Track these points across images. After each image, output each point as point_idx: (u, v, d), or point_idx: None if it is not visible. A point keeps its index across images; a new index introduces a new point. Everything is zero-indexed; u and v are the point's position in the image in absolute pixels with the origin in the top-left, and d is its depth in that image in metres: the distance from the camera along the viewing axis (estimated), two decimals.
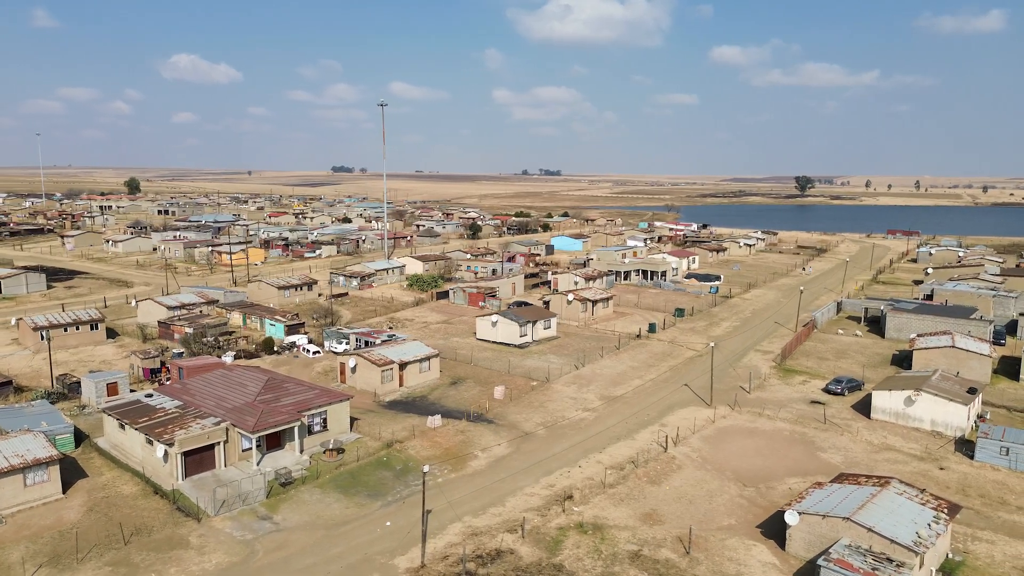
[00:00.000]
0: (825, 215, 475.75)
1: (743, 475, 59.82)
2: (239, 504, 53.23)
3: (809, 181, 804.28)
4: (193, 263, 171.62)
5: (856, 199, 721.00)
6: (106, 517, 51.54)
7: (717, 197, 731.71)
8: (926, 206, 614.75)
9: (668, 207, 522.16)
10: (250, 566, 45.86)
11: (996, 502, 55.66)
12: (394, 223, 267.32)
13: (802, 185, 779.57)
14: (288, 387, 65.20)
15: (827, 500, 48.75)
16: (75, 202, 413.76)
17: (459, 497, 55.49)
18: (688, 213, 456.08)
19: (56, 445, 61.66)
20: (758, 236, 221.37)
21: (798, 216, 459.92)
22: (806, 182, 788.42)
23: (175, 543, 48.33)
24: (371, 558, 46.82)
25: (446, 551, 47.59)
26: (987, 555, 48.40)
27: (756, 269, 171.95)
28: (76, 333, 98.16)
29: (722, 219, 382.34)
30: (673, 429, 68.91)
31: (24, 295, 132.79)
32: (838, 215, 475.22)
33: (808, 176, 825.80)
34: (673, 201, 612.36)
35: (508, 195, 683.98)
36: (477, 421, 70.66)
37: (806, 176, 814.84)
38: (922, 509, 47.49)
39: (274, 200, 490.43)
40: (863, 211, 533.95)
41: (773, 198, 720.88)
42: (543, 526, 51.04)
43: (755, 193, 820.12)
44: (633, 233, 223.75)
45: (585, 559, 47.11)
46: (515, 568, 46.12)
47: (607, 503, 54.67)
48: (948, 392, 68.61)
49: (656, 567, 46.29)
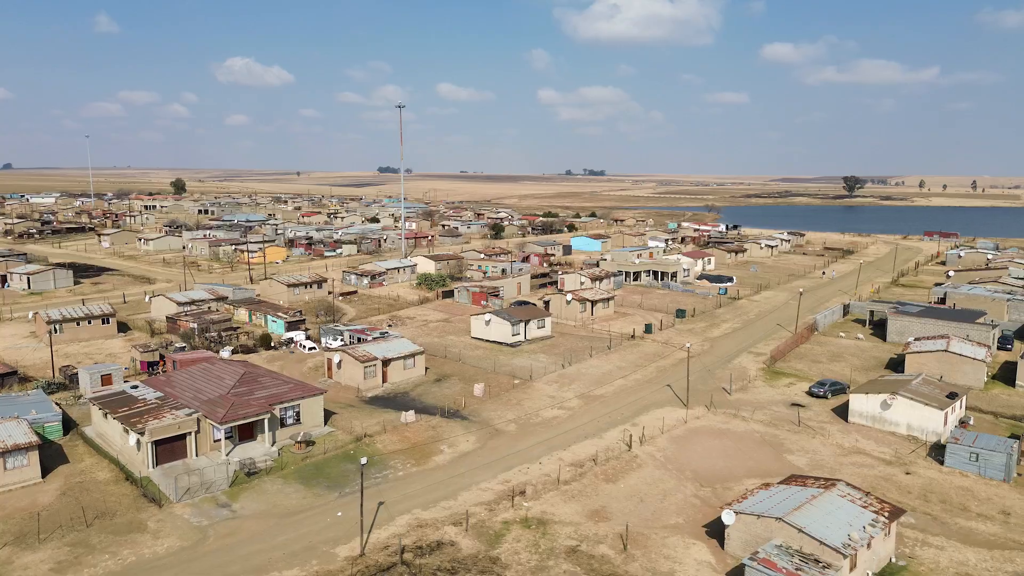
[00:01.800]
0: (872, 216, 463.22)
1: (702, 475, 59.91)
2: (202, 492, 55.44)
3: (858, 181, 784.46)
4: (217, 261, 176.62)
5: (907, 200, 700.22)
6: (76, 501, 54.20)
7: (761, 197, 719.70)
8: (981, 207, 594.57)
9: (708, 207, 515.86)
10: (198, 550, 47.90)
11: (957, 508, 54.79)
12: (421, 223, 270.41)
13: (850, 186, 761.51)
14: (263, 381, 67.38)
15: (768, 501, 48.73)
16: (121, 202, 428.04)
17: (415, 490, 56.85)
18: (729, 214, 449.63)
19: (45, 432, 65.30)
20: (783, 237, 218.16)
21: (843, 217, 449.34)
22: (854, 182, 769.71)
23: (134, 527, 50.68)
24: (315, 546, 48.45)
25: (388, 541, 48.96)
26: (932, 561, 47.84)
27: (774, 271, 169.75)
28: (88, 327, 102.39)
29: (763, 220, 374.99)
30: (643, 429, 69.17)
31: (51, 291, 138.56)
32: (885, 216, 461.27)
33: (857, 176, 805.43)
34: (715, 202, 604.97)
35: (549, 195, 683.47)
36: (451, 417, 71.93)
37: (854, 176, 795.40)
38: (862, 512, 47.18)
39: (314, 200, 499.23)
40: (912, 212, 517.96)
41: (820, 199, 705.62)
42: (489, 520, 52.07)
43: (801, 194, 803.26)
44: (655, 234, 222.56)
45: (522, 553, 48.01)
46: (452, 559, 47.26)
47: (558, 499, 55.41)
48: (924, 396, 67.49)
49: (590, 562, 46.94)
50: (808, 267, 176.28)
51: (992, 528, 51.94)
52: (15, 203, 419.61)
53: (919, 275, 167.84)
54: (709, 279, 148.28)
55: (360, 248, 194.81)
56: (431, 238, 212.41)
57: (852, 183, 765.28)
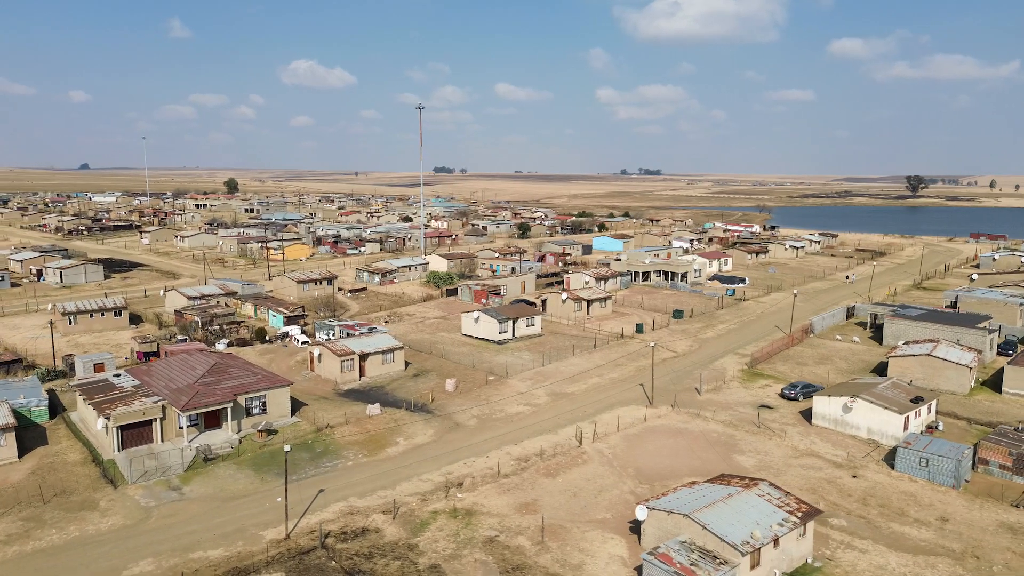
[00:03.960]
0: (932, 218, 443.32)
1: (644, 473, 60.36)
2: (157, 475, 58.55)
3: (921, 181, 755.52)
4: (244, 258, 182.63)
5: (975, 200, 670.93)
6: (42, 480, 57.91)
7: (819, 198, 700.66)
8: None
9: (760, 208, 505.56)
10: (137, 529, 50.82)
11: (894, 513, 54.05)
12: (452, 222, 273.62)
13: (913, 186, 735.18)
14: (232, 372, 70.39)
15: (685, 498, 49.09)
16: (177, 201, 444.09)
17: (358, 479, 58.85)
18: (782, 214, 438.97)
19: (32, 416, 69.70)
20: (812, 238, 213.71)
21: (902, 218, 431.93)
22: (917, 182, 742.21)
23: (86, 505, 53.99)
24: (246, 528, 50.85)
25: (316, 526, 51.00)
26: (850, 563, 47.52)
27: (795, 272, 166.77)
28: (101, 319, 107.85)
29: (815, 221, 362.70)
30: (602, 426, 69.83)
31: (82, 284, 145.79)
32: (947, 218, 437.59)
33: (921, 176, 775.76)
34: (769, 202, 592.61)
35: (599, 195, 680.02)
36: (417, 411, 73.79)
37: (918, 176, 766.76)
38: (775, 511, 47.19)
39: (361, 200, 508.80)
40: (978, 213, 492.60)
41: (881, 199, 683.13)
42: (419, 509, 53.70)
43: (862, 194, 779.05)
44: (680, 234, 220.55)
45: (441, 541, 49.49)
46: (372, 545, 49.08)
47: (493, 492, 56.68)
48: (885, 400, 66.41)
49: (503, 552, 48.16)
50: (831, 269, 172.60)
51: (924, 534, 51.16)
52: (76, 202, 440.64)
53: (946, 278, 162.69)
54: (721, 280, 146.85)
55: (383, 247, 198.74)
56: (455, 237, 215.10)
57: (915, 183, 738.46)
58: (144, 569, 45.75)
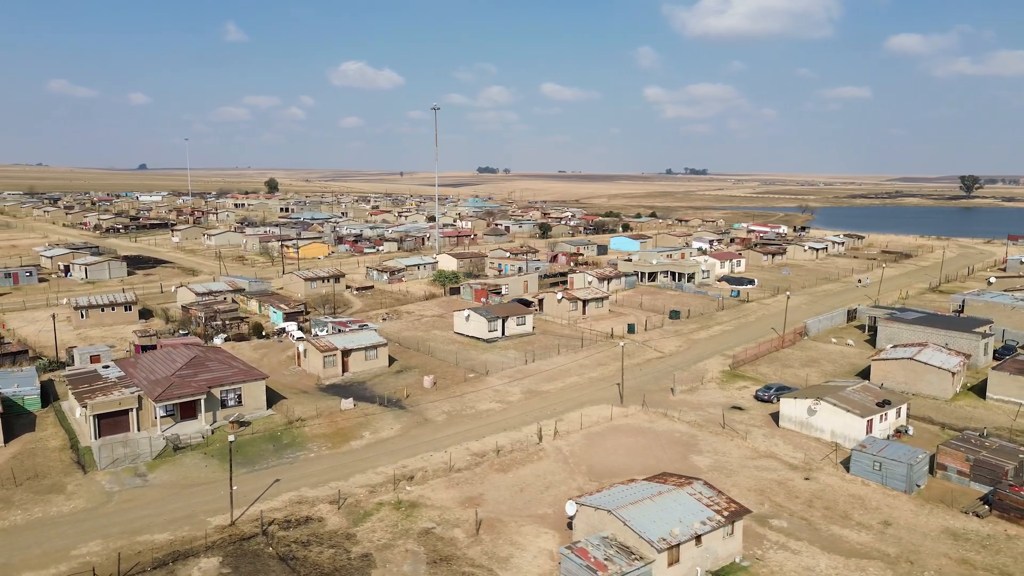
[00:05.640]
0: (986, 219, 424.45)
1: (597, 470, 60.98)
2: (126, 462, 61.32)
3: (976, 181, 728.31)
4: (264, 256, 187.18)
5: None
6: (20, 464, 61.15)
7: (867, 198, 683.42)
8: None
9: (803, 208, 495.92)
10: (96, 512, 53.47)
11: (838, 515, 53.76)
12: (477, 222, 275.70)
13: (967, 186, 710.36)
14: (210, 365, 73.03)
15: (618, 494, 49.61)
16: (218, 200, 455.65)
17: (315, 471, 60.76)
18: (826, 215, 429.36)
19: (24, 404, 73.41)
20: (837, 239, 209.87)
21: (953, 219, 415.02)
22: (972, 182, 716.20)
23: (55, 489, 56.92)
24: (195, 515, 53.07)
25: (262, 515, 52.96)
26: (778, 564, 47.60)
27: (810, 274, 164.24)
28: (112, 313, 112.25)
29: (861, 222, 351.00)
30: (567, 424, 70.57)
31: (105, 280, 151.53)
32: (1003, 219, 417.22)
33: (976, 176, 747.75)
34: (815, 202, 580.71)
35: (639, 195, 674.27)
36: (390, 407, 75.53)
37: (973, 176, 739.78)
38: (702, 510, 47.50)
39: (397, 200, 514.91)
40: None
41: (934, 200, 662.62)
42: (365, 500, 55.31)
43: (913, 194, 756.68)
44: (701, 234, 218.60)
45: (379, 531, 51.00)
46: (311, 534, 50.84)
47: (442, 485, 57.99)
48: (849, 403, 65.77)
49: (435, 543, 49.43)
50: (847, 271, 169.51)
51: (863, 537, 50.83)
52: (123, 201, 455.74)
53: (967, 282, 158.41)
54: (730, 281, 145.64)
55: (401, 246, 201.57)
56: (473, 236, 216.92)
57: (970, 183, 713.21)
58: (92, 549, 48.23)
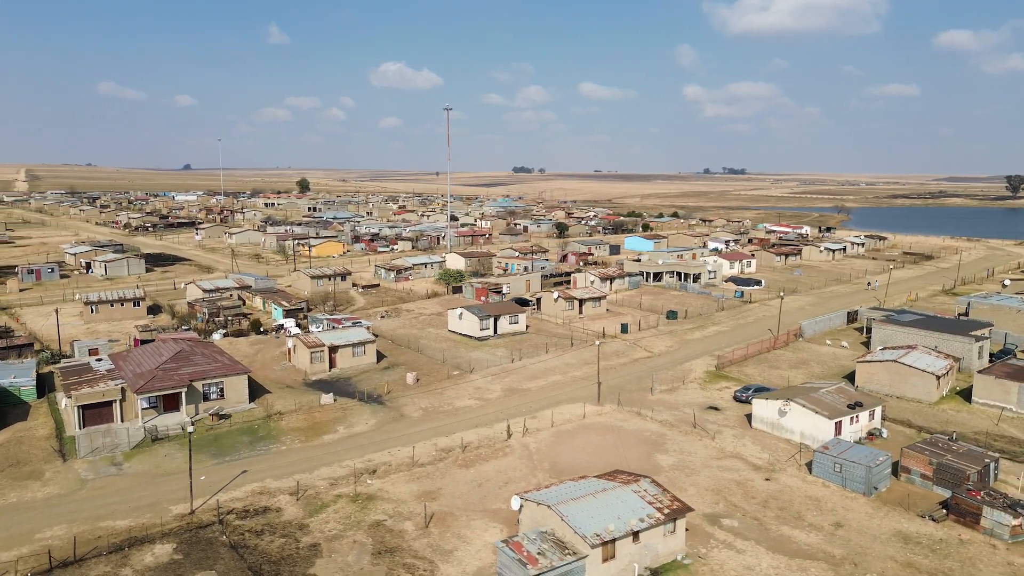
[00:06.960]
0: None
1: (559, 468, 61.52)
2: (105, 452, 63.61)
3: (1022, 181, 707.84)
4: (280, 254, 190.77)
5: None
6: (7, 452, 63.82)
7: (909, 198, 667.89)
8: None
9: (838, 209, 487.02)
10: (67, 498, 55.69)
11: (791, 516, 53.61)
12: (496, 222, 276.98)
13: (1014, 186, 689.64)
14: (195, 359, 75.20)
15: (564, 491, 50.17)
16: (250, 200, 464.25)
17: (284, 463, 62.33)
18: (863, 216, 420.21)
19: (20, 394, 76.44)
20: (857, 240, 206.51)
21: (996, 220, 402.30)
22: (1019, 182, 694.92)
23: (33, 475, 59.38)
24: (159, 503, 54.95)
25: (219, 504, 54.58)
26: (719, 562, 47.74)
27: (821, 275, 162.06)
28: (121, 308, 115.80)
29: (899, 223, 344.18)
30: (539, 421, 71.18)
31: (124, 276, 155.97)
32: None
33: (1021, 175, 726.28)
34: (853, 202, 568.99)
35: (673, 195, 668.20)
36: (370, 402, 76.93)
37: (1019, 175, 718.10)
38: (644, 507, 47.85)
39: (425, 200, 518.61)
40: None
41: (978, 200, 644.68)
42: (324, 493, 56.67)
43: (957, 194, 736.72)
44: (718, 235, 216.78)
45: (331, 523, 52.29)
46: (267, 523, 52.34)
47: (402, 479, 59.11)
48: (819, 405, 65.31)
49: (383, 535, 50.56)
50: (861, 272, 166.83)
51: (812, 538, 50.65)
52: (158, 200, 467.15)
53: (984, 284, 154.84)
54: (736, 282, 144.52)
55: (416, 245, 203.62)
56: (489, 236, 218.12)
57: (1016, 183, 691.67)
58: (55, 533, 50.32)
